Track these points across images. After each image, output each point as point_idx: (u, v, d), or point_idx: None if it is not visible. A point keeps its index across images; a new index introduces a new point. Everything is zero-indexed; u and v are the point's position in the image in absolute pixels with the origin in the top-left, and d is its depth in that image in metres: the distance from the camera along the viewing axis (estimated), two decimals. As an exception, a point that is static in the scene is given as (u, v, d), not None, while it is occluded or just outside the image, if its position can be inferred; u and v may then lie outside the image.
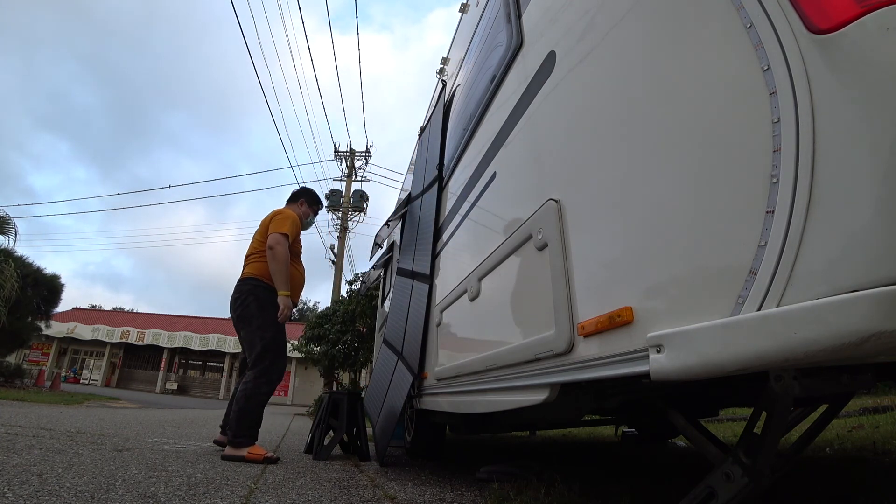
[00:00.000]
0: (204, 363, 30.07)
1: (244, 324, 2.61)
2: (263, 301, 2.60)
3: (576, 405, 1.42)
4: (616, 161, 1.02)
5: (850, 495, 1.44)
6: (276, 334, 2.58)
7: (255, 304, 2.60)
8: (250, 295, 2.62)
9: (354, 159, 16.06)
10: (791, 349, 0.61)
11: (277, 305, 2.59)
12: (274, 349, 2.55)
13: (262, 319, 2.57)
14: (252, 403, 2.47)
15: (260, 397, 2.50)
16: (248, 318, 2.59)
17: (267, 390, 2.53)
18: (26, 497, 1.29)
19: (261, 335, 2.54)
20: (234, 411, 2.48)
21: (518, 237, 1.41)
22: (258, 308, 2.58)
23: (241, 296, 2.64)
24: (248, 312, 2.60)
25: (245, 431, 2.41)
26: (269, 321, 2.57)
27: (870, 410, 3.99)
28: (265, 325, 2.56)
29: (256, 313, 2.57)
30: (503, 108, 1.67)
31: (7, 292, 9.36)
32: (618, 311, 0.92)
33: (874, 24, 0.59)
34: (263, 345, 2.52)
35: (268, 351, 2.53)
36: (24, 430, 2.88)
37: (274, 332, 2.57)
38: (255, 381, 2.50)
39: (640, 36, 0.98)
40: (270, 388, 2.55)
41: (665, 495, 1.65)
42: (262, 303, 2.60)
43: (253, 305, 2.59)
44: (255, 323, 2.56)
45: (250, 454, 2.34)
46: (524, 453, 3.43)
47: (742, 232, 0.70)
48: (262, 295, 2.61)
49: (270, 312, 2.59)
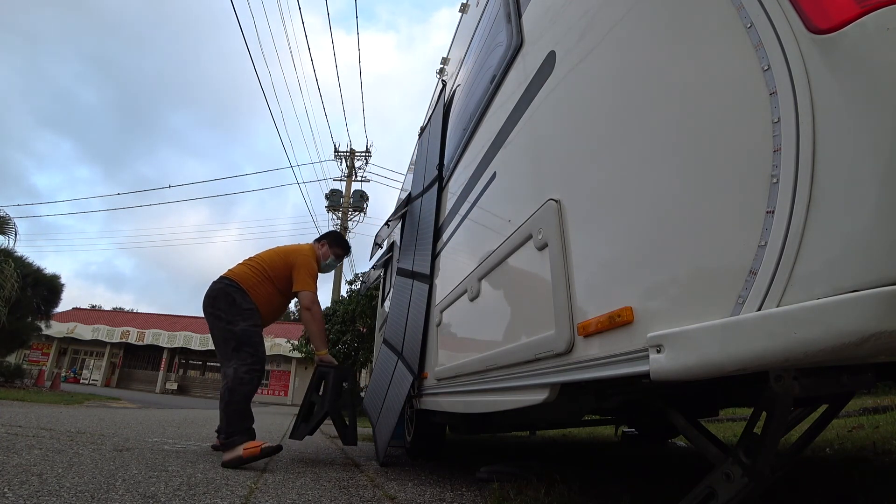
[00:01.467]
0: (204, 363, 30.06)
1: (215, 320, 2.56)
2: (235, 299, 2.55)
3: (576, 405, 1.43)
4: (616, 161, 1.02)
5: (850, 495, 1.44)
6: (247, 328, 2.50)
7: (223, 300, 2.55)
8: (220, 292, 2.58)
9: (354, 159, 16.07)
10: (791, 349, 0.61)
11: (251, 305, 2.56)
12: (247, 340, 2.47)
13: (231, 316, 2.51)
14: (237, 396, 2.34)
15: (244, 388, 2.36)
16: (217, 315, 2.54)
17: (249, 380, 2.38)
18: (26, 497, 1.29)
19: (231, 329, 2.47)
20: (221, 410, 2.38)
21: (518, 237, 1.41)
22: (228, 305, 2.54)
23: (212, 293, 2.61)
24: (217, 310, 2.55)
25: (236, 428, 2.27)
26: (238, 317, 2.50)
27: (870, 410, 3.99)
28: (233, 320, 2.49)
29: (226, 309, 2.53)
30: (503, 108, 1.67)
31: (7, 292, 9.36)
32: (618, 311, 0.92)
33: (874, 24, 0.59)
34: (237, 338, 2.45)
35: (243, 343, 2.45)
36: (24, 430, 2.88)
37: (245, 326, 2.49)
38: (235, 372, 2.38)
39: (639, 36, 0.98)
40: (253, 378, 2.41)
41: (665, 495, 1.65)
42: (233, 300, 2.55)
43: (222, 302, 2.55)
44: (225, 320, 2.50)
45: (246, 451, 2.18)
46: (524, 453, 3.43)
47: (742, 232, 0.70)
48: (234, 295, 2.57)
49: (244, 309, 2.53)
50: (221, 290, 2.59)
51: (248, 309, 2.56)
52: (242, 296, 2.58)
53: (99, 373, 26.93)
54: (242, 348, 2.44)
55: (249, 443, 2.23)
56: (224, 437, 2.28)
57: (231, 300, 2.55)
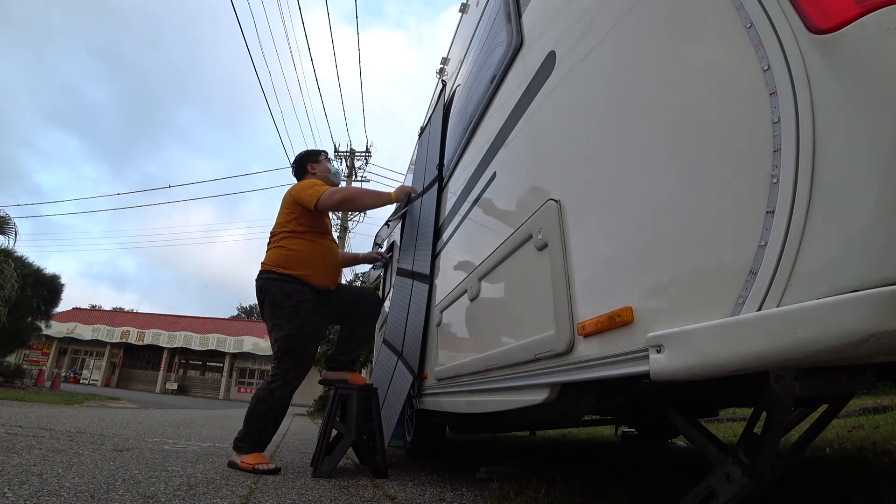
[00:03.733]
0: (204, 363, 30.08)
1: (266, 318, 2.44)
2: (275, 297, 2.38)
3: (576, 405, 1.42)
4: (616, 161, 1.02)
5: (850, 495, 1.44)
6: (290, 331, 2.32)
7: (267, 303, 2.40)
8: (265, 293, 2.42)
9: (354, 159, 16.07)
10: (791, 349, 0.61)
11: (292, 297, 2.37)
12: (290, 347, 2.31)
13: (274, 320, 2.37)
14: (262, 406, 2.26)
15: (271, 401, 2.26)
16: (265, 319, 2.43)
17: (281, 394, 2.27)
18: (26, 497, 1.29)
19: (275, 336, 2.35)
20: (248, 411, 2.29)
21: (518, 237, 1.41)
22: (270, 306, 2.39)
23: (259, 294, 2.47)
24: (264, 314, 2.44)
25: (247, 437, 2.22)
26: (281, 319, 2.35)
27: (870, 410, 3.99)
28: (278, 325, 2.35)
29: (269, 313, 2.39)
30: (503, 108, 1.67)
31: (7, 292, 9.37)
32: (618, 311, 0.92)
33: (874, 24, 0.59)
34: (279, 345, 2.32)
35: (285, 352, 2.31)
36: (24, 430, 2.88)
37: (288, 330, 2.33)
38: (270, 383, 2.30)
39: (639, 36, 0.98)
40: (286, 392, 2.28)
41: (665, 495, 1.65)
42: (273, 299, 2.38)
43: (266, 306, 2.41)
44: (270, 324, 2.39)
45: (243, 463, 2.12)
46: (524, 453, 3.43)
47: (742, 232, 0.70)
48: (274, 290, 2.39)
49: (285, 307, 2.35)
50: (261, 289, 2.43)
51: (289, 307, 2.35)
52: (282, 287, 2.37)
53: (99, 373, 26.94)
54: (284, 356, 2.31)
55: (248, 457, 2.16)
56: (237, 437, 2.25)
57: (272, 300, 2.38)
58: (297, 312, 2.34)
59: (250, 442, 2.20)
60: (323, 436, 2.22)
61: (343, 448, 2.22)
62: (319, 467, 2.12)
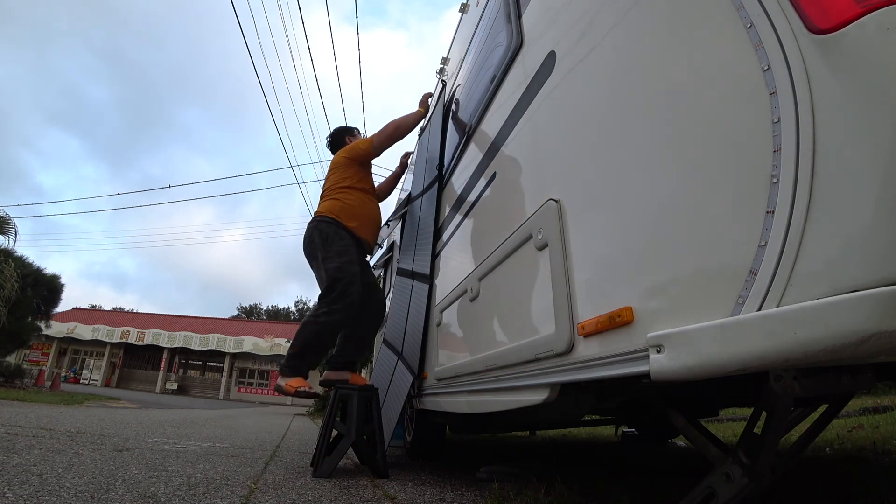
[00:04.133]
0: (204, 363, 30.09)
1: (312, 260, 2.59)
2: (326, 233, 2.55)
3: (576, 405, 1.42)
4: (616, 161, 1.02)
5: (850, 495, 1.44)
6: (341, 264, 2.47)
7: (318, 237, 2.56)
8: (314, 230, 2.58)
9: (354, 159, 16.02)
10: (791, 349, 0.61)
11: (344, 239, 2.54)
12: (340, 278, 2.42)
13: (325, 252, 2.51)
14: (305, 330, 2.38)
15: (315, 326, 2.37)
16: (313, 253, 2.57)
17: (324, 320, 2.36)
18: (26, 497, 1.29)
19: (325, 267, 2.48)
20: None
21: (518, 237, 1.41)
22: (321, 241, 2.54)
23: (307, 233, 2.63)
24: (313, 248, 2.57)
25: (291, 361, 2.36)
26: (332, 253, 2.50)
27: (870, 410, 3.99)
28: (328, 258, 2.49)
29: (320, 246, 2.53)
30: (503, 108, 1.67)
31: (7, 292, 9.37)
32: (618, 311, 0.92)
33: (874, 24, 0.59)
34: (329, 275, 2.44)
35: (334, 280, 2.42)
36: (24, 430, 2.88)
37: (339, 263, 2.46)
38: (316, 310, 2.43)
39: (639, 36, 0.98)
40: (331, 318, 2.37)
41: (665, 495, 1.65)
42: (324, 235, 2.54)
43: (317, 239, 2.56)
44: (321, 257, 2.51)
45: (287, 386, 2.31)
46: (524, 453, 3.43)
47: (742, 232, 0.70)
48: (325, 228, 2.56)
49: (337, 244, 2.52)
50: (314, 228, 2.59)
51: (341, 245, 2.52)
52: (335, 229, 2.55)
53: (99, 373, 26.95)
54: (333, 285, 2.42)
55: (292, 381, 2.34)
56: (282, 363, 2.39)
57: (324, 237, 2.54)
58: (347, 251, 2.52)
59: (291, 367, 2.36)
60: (323, 436, 2.21)
61: (343, 448, 2.21)
62: (319, 467, 2.12)
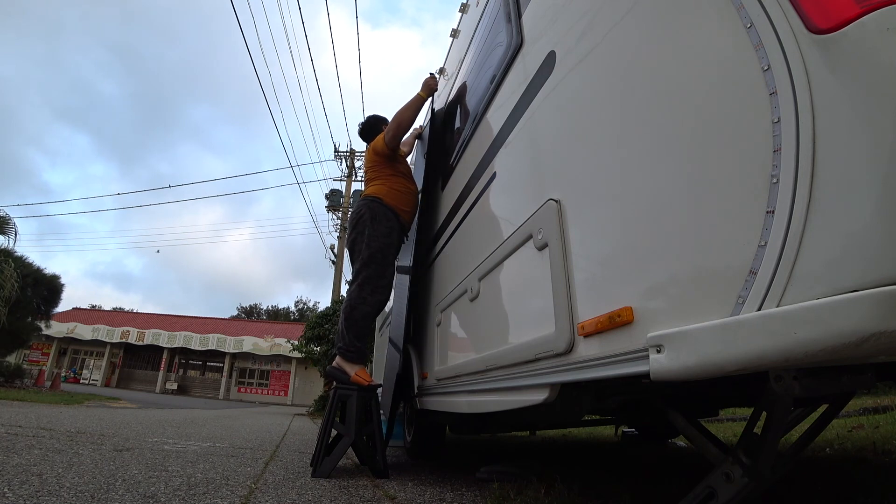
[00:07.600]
0: (204, 363, 30.07)
1: (358, 234, 2.65)
2: (376, 212, 2.63)
3: (576, 405, 1.42)
4: (616, 161, 1.02)
5: (850, 495, 1.44)
6: (384, 243, 2.56)
7: (368, 214, 2.63)
8: (364, 207, 2.67)
9: (355, 159, 16.09)
10: (791, 349, 0.61)
11: (391, 221, 2.63)
12: (380, 258, 2.52)
13: (372, 229, 2.59)
14: (357, 314, 2.42)
15: (364, 308, 2.43)
16: (361, 228, 2.63)
17: (372, 300, 2.44)
18: (26, 497, 1.29)
19: (368, 243, 2.55)
20: (340, 323, 2.47)
21: (518, 237, 1.41)
22: (370, 218, 2.62)
23: (358, 209, 2.72)
24: (361, 224, 2.64)
25: (353, 344, 2.38)
26: (378, 233, 2.58)
27: (870, 410, 3.99)
28: (374, 236, 2.57)
29: (368, 223, 2.61)
30: (503, 107, 1.67)
31: (7, 292, 9.37)
32: (618, 311, 0.92)
33: (874, 24, 0.59)
34: (370, 252, 2.52)
35: (374, 257, 2.51)
36: (24, 430, 2.88)
37: (383, 242, 2.56)
38: (360, 288, 2.47)
39: (639, 36, 0.98)
40: (377, 299, 2.46)
41: (665, 495, 1.65)
42: (374, 213, 2.62)
43: (366, 215, 2.63)
44: (367, 232, 2.59)
45: (356, 376, 2.32)
46: (524, 453, 3.43)
47: (742, 232, 0.70)
48: (375, 208, 2.65)
49: (384, 226, 2.60)
50: (366, 206, 2.67)
51: (387, 228, 2.61)
52: (385, 212, 2.64)
53: (99, 373, 26.94)
54: (372, 262, 2.50)
55: (360, 370, 2.37)
56: (343, 347, 2.40)
57: (374, 215, 2.62)
58: (391, 233, 2.63)
59: (356, 351, 2.39)
60: (323, 436, 2.21)
61: (343, 448, 2.22)
62: (319, 467, 2.11)
